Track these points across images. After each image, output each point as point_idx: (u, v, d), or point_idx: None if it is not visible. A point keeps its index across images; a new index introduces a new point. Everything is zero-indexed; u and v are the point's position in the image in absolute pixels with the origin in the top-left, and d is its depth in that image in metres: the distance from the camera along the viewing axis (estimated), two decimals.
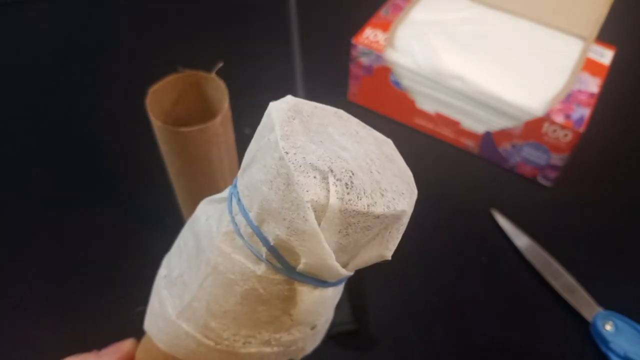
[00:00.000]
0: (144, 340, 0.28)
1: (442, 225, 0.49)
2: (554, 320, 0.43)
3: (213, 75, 0.36)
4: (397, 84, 0.54)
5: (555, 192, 0.52)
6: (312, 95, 0.59)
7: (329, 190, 0.20)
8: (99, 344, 0.39)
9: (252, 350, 0.24)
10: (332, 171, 0.20)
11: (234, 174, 0.40)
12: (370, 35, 0.54)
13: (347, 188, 0.20)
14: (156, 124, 0.34)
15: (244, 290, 0.22)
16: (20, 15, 0.67)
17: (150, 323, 0.26)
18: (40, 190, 0.50)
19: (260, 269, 0.22)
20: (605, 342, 0.41)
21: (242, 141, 0.43)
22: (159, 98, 0.36)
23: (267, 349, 0.24)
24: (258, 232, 0.21)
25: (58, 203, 0.49)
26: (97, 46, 0.64)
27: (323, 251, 0.20)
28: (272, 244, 0.21)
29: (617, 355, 0.40)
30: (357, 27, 0.55)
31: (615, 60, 0.53)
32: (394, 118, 0.57)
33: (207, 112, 0.37)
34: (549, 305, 0.44)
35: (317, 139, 0.21)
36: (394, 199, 0.21)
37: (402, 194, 0.22)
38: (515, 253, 0.47)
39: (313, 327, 0.25)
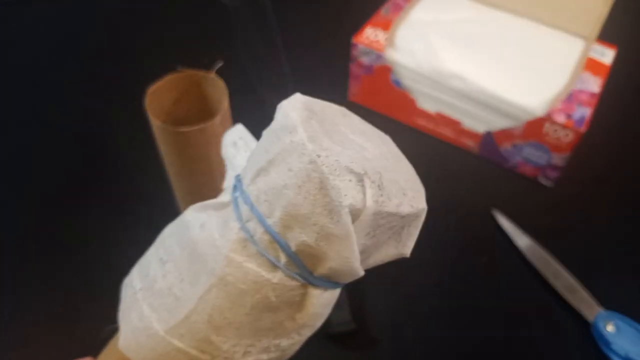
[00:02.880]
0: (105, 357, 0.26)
1: (442, 225, 0.49)
2: (554, 321, 0.43)
3: (212, 74, 0.36)
4: (398, 83, 0.54)
5: (556, 192, 0.52)
6: (312, 94, 0.59)
7: (364, 193, 0.19)
8: (99, 344, 0.39)
9: (250, 359, 0.23)
10: (366, 173, 0.19)
11: None
12: (370, 34, 0.54)
13: (379, 190, 0.20)
14: (155, 123, 0.34)
15: (255, 300, 0.21)
16: (20, 15, 0.67)
17: (128, 340, 0.24)
18: (40, 190, 0.50)
19: (276, 276, 0.21)
20: (607, 342, 0.41)
21: None
22: (159, 98, 0.36)
23: (264, 356, 0.23)
24: (279, 239, 0.20)
25: (57, 203, 0.49)
26: (97, 46, 0.64)
27: (352, 254, 0.20)
28: (293, 250, 0.20)
29: (619, 356, 0.40)
30: (358, 26, 0.55)
31: (617, 60, 0.53)
32: (395, 118, 0.57)
33: (206, 112, 0.37)
34: (549, 306, 0.44)
35: (336, 139, 0.21)
36: (414, 197, 0.21)
37: (418, 191, 0.22)
38: (516, 253, 0.47)
39: (313, 329, 0.24)
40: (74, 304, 0.43)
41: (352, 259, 0.20)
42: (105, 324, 0.41)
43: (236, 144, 0.29)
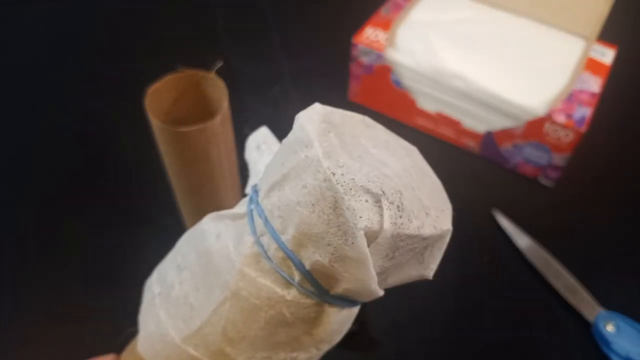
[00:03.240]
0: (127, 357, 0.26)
1: None
2: (555, 321, 0.43)
3: (212, 74, 0.36)
4: (398, 83, 0.54)
5: (557, 192, 0.52)
6: (312, 94, 0.59)
7: (381, 215, 0.18)
8: (99, 344, 0.39)
9: None
10: (384, 193, 0.18)
11: (233, 174, 0.40)
12: (370, 34, 0.53)
13: (399, 211, 0.19)
14: (155, 123, 0.34)
15: (269, 315, 0.21)
16: (20, 15, 0.67)
17: (146, 345, 0.24)
18: (39, 190, 0.50)
19: (291, 293, 0.20)
20: (607, 342, 0.41)
21: (242, 141, 0.42)
22: (158, 98, 0.36)
23: None
24: (293, 257, 0.20)
25: (57, 203, 0.49)
26: (96, 46, 0.64)
27: (368, 277, 0.19)
28: (307, 268, 0.20)
29: (619, 356, 0.40)
30: (358, 26, 0.55)
31: (617, 60, 0.53)
32: (395, 118, 0.57)
33: (206, 112, 0.37)
34: (550, 306, 0.44)
35: (355, 154, 0.20)
36: (437, 217, 0.20)
37: (443, 210, 0.21)
38: (516, 253, 0.47)
39: (331, 344, 0.23)
40: (74, 304, 0.43)
41: (368, 281, 0.19)
42: (104, 323, 0.41)
43: (260, 148, 0.27)
